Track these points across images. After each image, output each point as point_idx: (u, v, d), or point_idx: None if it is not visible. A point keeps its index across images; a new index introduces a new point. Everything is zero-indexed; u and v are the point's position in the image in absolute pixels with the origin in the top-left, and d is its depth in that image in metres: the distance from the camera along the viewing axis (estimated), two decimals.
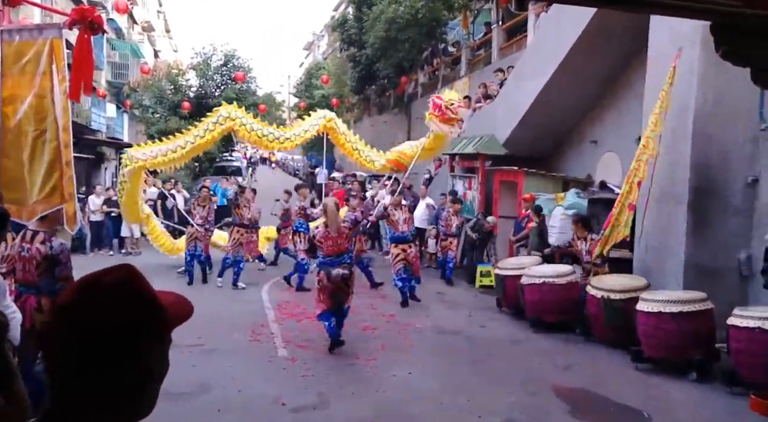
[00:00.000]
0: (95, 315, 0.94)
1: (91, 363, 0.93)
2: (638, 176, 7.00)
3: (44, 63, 4.04)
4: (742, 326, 5.34)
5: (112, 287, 0.96)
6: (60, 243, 4.26)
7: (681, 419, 4.98)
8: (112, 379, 0.93)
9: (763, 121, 6.57)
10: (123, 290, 0.96)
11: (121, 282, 0.97)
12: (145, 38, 34.53)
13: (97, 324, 0.93)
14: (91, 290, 0.96)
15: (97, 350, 0.93)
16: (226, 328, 7.25)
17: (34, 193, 4.04)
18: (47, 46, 4.05)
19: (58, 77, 4.10)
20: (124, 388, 0.95)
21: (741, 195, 6.76)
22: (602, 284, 6.91)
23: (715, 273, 6.74)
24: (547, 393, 5.54)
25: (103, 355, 0.93)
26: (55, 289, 4.23)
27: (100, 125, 22.48)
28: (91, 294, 0.95)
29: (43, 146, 4.06)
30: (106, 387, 0.93)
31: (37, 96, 4.05)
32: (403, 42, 18.08)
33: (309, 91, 36.16)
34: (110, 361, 0.93)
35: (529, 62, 11.08)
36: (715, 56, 5.28)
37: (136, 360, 0.95)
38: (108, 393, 0.94)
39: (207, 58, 28.09)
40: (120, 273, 0.98)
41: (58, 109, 4.10)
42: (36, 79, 4.05)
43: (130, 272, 1.00)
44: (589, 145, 10.71)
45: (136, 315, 0.96)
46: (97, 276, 0.98)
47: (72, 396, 0.94)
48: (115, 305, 0.95)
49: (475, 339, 7.30)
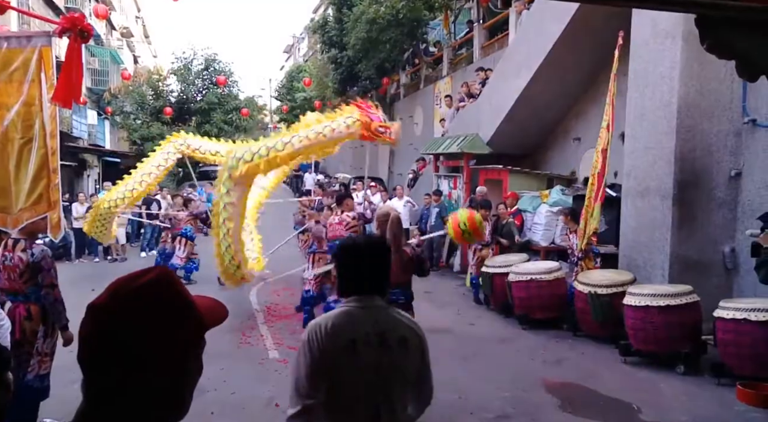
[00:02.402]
0: (129, 316, 0.93)
1: (125, 366, 0.92)
2: (597, 168, 7.17)
3: (32, 71, 4.01)
4: (729, 318, 5.41)
5: (146, 289, 0.96)
6: (41, 250, 4.21)
7: (669, 411, 5.02)
8: (145, 382, 0.93)
9: (747, 114, 6.66)
10: (157, 292, 0.96)
11: (155, 283, 0.96)
12: (124, 44, 34.20)
13: (131, 326, 0.92)
14: (125, 292, 0.95)
15: (130, 352, 0.92)
16: (215, 331, 7.05)
17: (20, 201, 3.99)
18: (36, 54, 4.02)
19: (47, 85, 4.07)
20: (158, 391, 0.94)
21: (725, 188, 6.85)
22: (589, 279, 6.96)
23: (701, 267, 6.82)
24: (537, 388, 5.57)
25: (137, 358, 0.92)
26: (40, 296, 4.17)
27: (82, 132, 22.21)
28: (125, 295, 0.95)
29: (29, 154, 4.03)
30: (139, 390, 0.93)
31: (24, 104, 4.02)
32: (384, 43, 18.08)
33: (291, 94, 36.07)
34: (143, 363, 0.92)
35: (512, 60, 11.14)
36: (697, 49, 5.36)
37: (170, 362, 0.95)
38: (141, 396, 0.93)
39: (188, 63, 27.94)
40: (153, 275, 0.98)
41: (46, 117, 4.07)
42: (24, 86, 4.01)
43: (164, 273, 0.99)
44: (572, 142, 10.80)
45: (169, 317, 0.96)
46: (131, 278, 0.97)
47: (105, 398, 0.93)
48: (149, 307, 0.94)
49: (464, 337, 7.31)
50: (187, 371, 0.99)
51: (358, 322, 2.10)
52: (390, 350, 2.07)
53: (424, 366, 2.19)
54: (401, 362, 2.10)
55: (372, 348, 2.06)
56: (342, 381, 2.04)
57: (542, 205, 9.68)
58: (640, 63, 7.40)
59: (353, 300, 2.15)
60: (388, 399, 2.07)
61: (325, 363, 2.03)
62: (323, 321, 2.12)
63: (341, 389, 2.05)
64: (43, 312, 4.22)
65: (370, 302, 2.15)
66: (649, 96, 7.22)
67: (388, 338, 2.08)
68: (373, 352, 2.05)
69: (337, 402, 2.05)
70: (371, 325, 2.09)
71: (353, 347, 2.04)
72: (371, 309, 2.13)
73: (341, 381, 2.04)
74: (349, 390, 2.06)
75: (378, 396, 2.06)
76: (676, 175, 6.91)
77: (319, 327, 2.08)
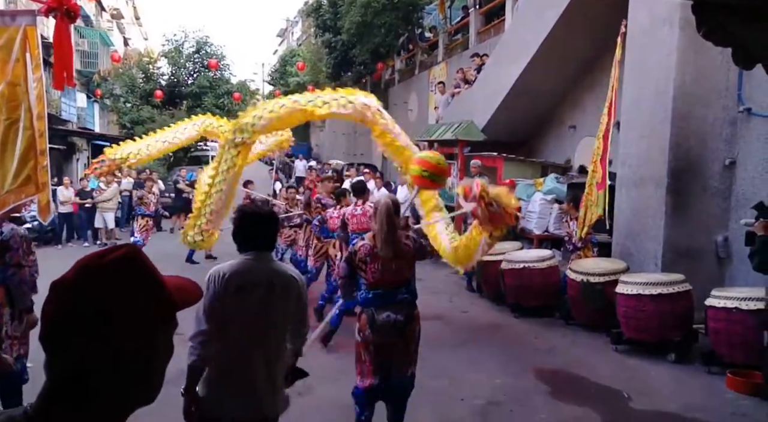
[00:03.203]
0: (93, 293, 0.90)
1: (89, 344, 0.88)
2: (598, 154, 7.10)
3: (17, 50, 3.92)
4: (720, 306, 5.41)
5: (113, 265, 0.92)
6: (11, 229, 4.14)
7: (660, 399, 5.03)
8: (111, 362, 0.90)
9: (742, 103, 6.62)
10: (124, 269, 0.93)
11: (123, 260, 0.93)
12: (114, 26, 33.76)
13: (96, 303, 0.89)
14: (91, 268, 0.92)
15: (95, 330, 0.89)
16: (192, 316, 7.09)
17: (6, 183, 3.91)
18: (20, 33, 3.92)
19: (32, 65, 3.98)
20: (124, 372, 0.91)
21: (719, 177, 6.83)
22: (582, 267, 6.95)
23: (693, 256, 6.82)
24: (528, 375, 5.57)
25: (102, 336, 0.89)
26: (6, 276, 4.06)
27: (71, 115, 21.96)
28: (90, 271, 0.92)
29: (15, 135, 3.94)
30: (104, 370, 0.90)
31: (9, 84, 3.93)
32: (379, 27, 17.92)
33: (284, 79, 35.82)
34: (108, 342, 0.89)
35: (508, 46, 11.05)
36: (693, 37, 5.31)
37: (137, 342, 0.92)
38: (106, 376, 0.90)
39: (179, 46, 27.61)
40: (121, 252, 0.94)
41: (32, 98, 3.99)
42: (8, 66, 3.92)
43: (131, 251, 0.96)
44: (567, 130, 10.75)
45: (136, 294, 0.92)
46: (98, 255, 0.94)
47: (68, 379, 0.90)
48: (115, 283, 0.91)
49: (456, 325, 7.30)
50: (156, 352, 0.95)
51: (251, 271, 2.72)
52: (275, 293, 2.71)
53: (301, 308, 2.85)
54: (284, 303, 2.73)
55: (261, 291, 2.69)
56: (232, 317, 2.69)
57: (536, 193, 9.65)
58: (637, 51, 7.34)
59: (250, 255, 2.78)
60: (272, 329, 2.74)
61: (218, 302, 2.67)
62: (222, 269, 2.73)
63: (232, 323, 2.68)
64: (9, 294, 4.08)
65: (262, 256, 2.79)
66: (645, 84, 7.16)
67: (275, 284, 2.73)
68: (262, 294, 2.69)
69: (228, 333, 2.69)
70: (262, 273, 2.73)
71: (241, 292, 2.67)
72: (263, 261, 2.77)
73: (231, 317, 2.69)
74: (239, 324, 2.68)
75: (263, 328, 2.70)
76: (671, 164, 6.88)
77: (218, 274, 2.71)
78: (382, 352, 3.94)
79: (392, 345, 3.93)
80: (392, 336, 3.89)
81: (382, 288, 3.89)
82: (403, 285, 3.96)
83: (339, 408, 4.67)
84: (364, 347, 3.98)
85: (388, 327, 3.85)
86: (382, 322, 3.85)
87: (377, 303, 3.89)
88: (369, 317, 3.90)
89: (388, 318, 3.85)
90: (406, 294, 3.97)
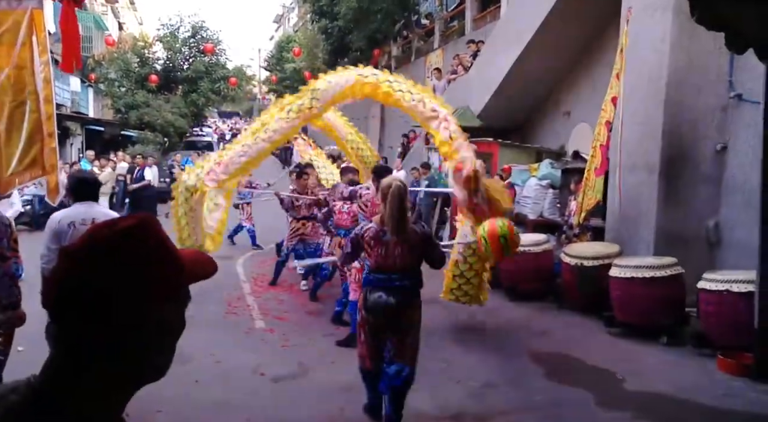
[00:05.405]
0: (103, 261, 0.87)
1: (97, 314, 0.86)
2: (599, 140, 7.13)
3: (24, 33, 3.93)
4: (712, 289, 5.50)
5: (124, 233, 0.90)
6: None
7: (653, 380, 5.12)
8: (115, 333, 0.87)
9: (733, 89, 6.66)
10: (136, 238, 0.90)
11: (135, 228, 0.91)
12: (109, 10, 33.40)
13: (105, 271, 0.87)
14: (99, 236, 0.90)
15: (103, 299, 0.87)
16: (200, 301, 7.08)
17: (12, 165, 3.94)
18: (27, 16, 3.93)
19: (39, 48, 3.99)
20: (131, 344, 0.89)
21: (710, 163, 6.89)
22: (575, 252, 7.03)
23: (685, 240, 6.89)
24: (523, 358, 5.66)
25: (110, 305, 0.87)
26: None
27: (65, 99, 21.80)
28: (101, 239, 0.89)
29: (22, 117, 3.97)
30: (109, 342, 0.87)
31: (16, 67, 3.95)
32: (375, 13, 17.85)
33: (280, 65, 35.60)
34: (117, 312, 0.87)
35: (504, 32, 11.05)
36: (687, 22, 5.35)
37: (146, 314, 0.89)
38: (111, 348, 0.88)
39: (174, 30, 27.38)
40: (134, 221, 0.92)
41: (39, 81, 4.01)
42: (15, 49, 3.93)
43: (146, 220, 0.94)
44: (562, 116, 10.79)
45: (147, 264, 0.90)
46: (110, 224, 0.92)
47: (72, 348, 0.88)
48: (125, 252, 0.89)
49: (452, 308, 7.35)
50: (164, 325, 0.92)
51: (78, 214, 3.92)
52: None
53: None
54: None
55: (86, 226, 3.65)
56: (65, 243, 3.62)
57: (531, 179, 9.70)
58: (631, 36, 7.35)
59: (79, 203, 3.99)
60: None
61: (55, 234, 3.87)
62: (60, 214, 3.98)
63: None
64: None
65: (87, 203, 4.00)
66: (639, 70, 7.19)
67: (95, 220, 3.66)
68: (83, 229, 3.60)
69: None
70: (85, 214, 3.91)
71: (72, 227, 3.86)
72: (86, 206, 3.98)
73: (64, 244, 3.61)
74: None
75: None
76: (664, 150, 6.93)
77: (56, 216, 3.97)
78: (377, 335, 3.98)
79: (385, 329, 3.94)
80: (382, 318, 3.90)
81: (382, 273, 3.92)
82: (405, 272, 3.92)
83: (333, 392, 4.73)
84: (362, 327, 4.07)
85: (380, 307, 3.88)
86: (374, 301, 3.90)
87: (374, 284, 3.96)
88: (364, 296, 4.02)
89: (380, 298, 3.88)
90: (406, 281, 3.92)
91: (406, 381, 3.94)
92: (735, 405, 4.65)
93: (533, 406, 4.71)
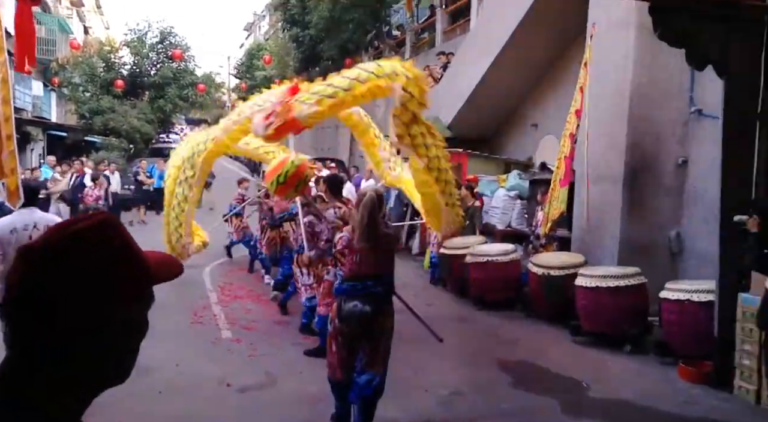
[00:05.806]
0: (63, 260, 0.85)
1: (55, 314, 0.84)
2: (564, 152, 7.29)
3: None
4: (674, 299, 5.63)
5: (86, 232, 0.87)
6: None
7: (617, 387, 5.21)
8: (79, 333, 0.85)
9: (693, 104, 6.88)
10: (97, 236, 0.88)
11: (97, 227, 0.88)
12: (74, 13, 32.80)
13: (65, 269, 0.85)
14: (61, 234, 0.87)
15: (62, 298, 0.84)
16: (165, 310, 6.98)
17: None
18: None
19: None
20: (91, 345, 0.86)
21: (672, 175, 7.09)
22: (542, 261, 7.12)
23: (648, 250, 7.05)
24: (492, 366, 5.70)
25: (69, 305, 0.84)
26: None
27: (26, 103, 21.26)
28: (62, 238, 0.87)
29: None
30: (70, 342, 0.85)
31: None
32: (347, 23, 17.93)
33: (250, 72, 35.41)
34: (75, 314, 0.84)
35: (473, 45, 11.21)
36: (650, 39, 5.50)
37: (108, 313, 0.87)
38: (73, 349, 0.85)
39: (142, 35, 27.00)
40: (96, 220, 0.90)
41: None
42: None
43: (108, 219, 0.91)
44: (530, 128, 10.97)
45: (109, 263, 0.87)
46: (72, 222, 0.90)
47: (27, 350, 0.86)
48: (86, 251, 0.86)
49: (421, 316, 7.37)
50: (127, 327, 0.90)
51: (20, 220, 4.16)
52: (38, 230, 4.05)
53: None
54: None
55: (27, 231, 4.06)
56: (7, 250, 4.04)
57: (500, 189, 9.82)
58: (596, 52, 7.54)
59: (21, 209, 4.22)
60: None
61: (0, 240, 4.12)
62: (2, 221, 4.23)
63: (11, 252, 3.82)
64: None
65: (29, 209, 4.25)
66: (603, 85, 7.36)
67: (38, 227, 4.12)
68: (27, 234, 4.03)
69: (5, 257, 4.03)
70: (27, 220, 4.16)
71: (14, 233, 4.06)
72: (28, 211, 4.23)
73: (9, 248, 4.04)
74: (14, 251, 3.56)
75: None
76: (627, 162, 7.10)
77: (2, 223, 4.22)
78: (351, 345, 3.93)
79: (359, 338, 3.90)
80: (358, 327, 3.86)
81: (356, 281, 3.91)
82: (379, 278, 3.92)
83: (301, 403, 4.69)
84: (334, 337, 3.99)
85: (355, 316, 3.85)
86: (349, 311, 3.86)
87: (348, 293, 3.93)
88: (338, 305, 3.95)
89: (355, 307, 3.85)
90: (380, 287, 3.92)
91: (376, 391, 3.92)
92: (695, 412, 4.76)
93: (501, 414, 4.74)
